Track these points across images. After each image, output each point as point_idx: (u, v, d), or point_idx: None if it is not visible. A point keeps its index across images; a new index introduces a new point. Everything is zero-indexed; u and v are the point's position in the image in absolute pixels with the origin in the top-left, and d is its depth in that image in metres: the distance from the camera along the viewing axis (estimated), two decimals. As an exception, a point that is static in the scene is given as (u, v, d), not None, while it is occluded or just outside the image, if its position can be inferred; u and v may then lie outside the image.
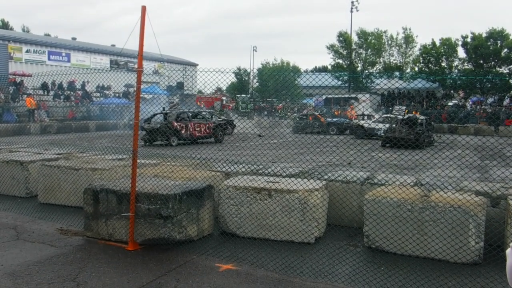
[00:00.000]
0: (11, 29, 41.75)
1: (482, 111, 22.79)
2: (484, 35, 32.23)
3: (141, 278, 3.06)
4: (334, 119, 19.64)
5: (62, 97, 23.59)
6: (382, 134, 15.79)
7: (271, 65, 40.28)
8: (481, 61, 32.41)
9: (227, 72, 3.79)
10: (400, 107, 21.60)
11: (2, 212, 4.89)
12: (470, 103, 26.79)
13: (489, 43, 32.13)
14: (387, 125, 15.64)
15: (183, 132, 12.76)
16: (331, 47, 37.72)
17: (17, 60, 26.69)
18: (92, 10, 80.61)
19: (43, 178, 5.30)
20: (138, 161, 3.78)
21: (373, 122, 16.68)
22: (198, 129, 13.36)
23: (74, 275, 3.08)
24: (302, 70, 40.10)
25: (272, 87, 35.57)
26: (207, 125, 13.65)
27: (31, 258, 3.41)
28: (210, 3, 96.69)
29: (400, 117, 15.96)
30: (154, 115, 12.68)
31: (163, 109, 13.19)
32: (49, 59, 28.42)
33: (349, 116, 20.83)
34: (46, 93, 23.13)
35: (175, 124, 12.64)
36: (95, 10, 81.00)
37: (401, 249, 3.51)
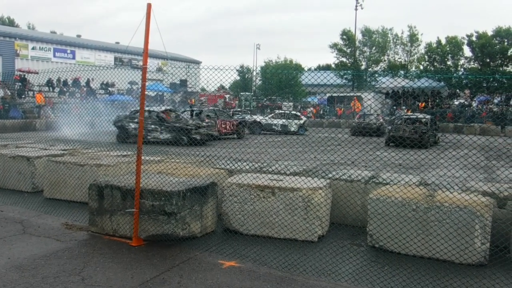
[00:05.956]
0: (17, 26, 42.06)
1: (488, 111, 22.57)
2: (490, 33, 31.84)
3: (145, 273, 3.08)
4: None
5: (67, 94, 23.76)
6: (280, 129, 17.77)
7: (274, 63, 40.14)
8: (488, 60, 32.03)
9: (231, 70, 3.78)
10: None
11: (9, 206, 4.94)
12: (477, 102, 26.49)
13: (496, 42, 31.74)
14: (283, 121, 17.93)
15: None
16: (334, 46, 37.47)
17: (23, 57, 26.90)
18: (92, 8, 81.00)
19: (49, 173, 5.35)
20: (142, 158, 3.80)
21: (269, 117, 18.71)
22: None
23: (79, 269, 3.11)
24: (305, 68, 39.86)
25: (275, 85, 35.51)
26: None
27: (37, 252, 3.45)
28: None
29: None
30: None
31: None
32: (54, 56, 28.62)
33: (354, 108, 21.13)
34: (52, 89, 23.32)
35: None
36: (95, 7, 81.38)
37: (405, 249, 3.49)
